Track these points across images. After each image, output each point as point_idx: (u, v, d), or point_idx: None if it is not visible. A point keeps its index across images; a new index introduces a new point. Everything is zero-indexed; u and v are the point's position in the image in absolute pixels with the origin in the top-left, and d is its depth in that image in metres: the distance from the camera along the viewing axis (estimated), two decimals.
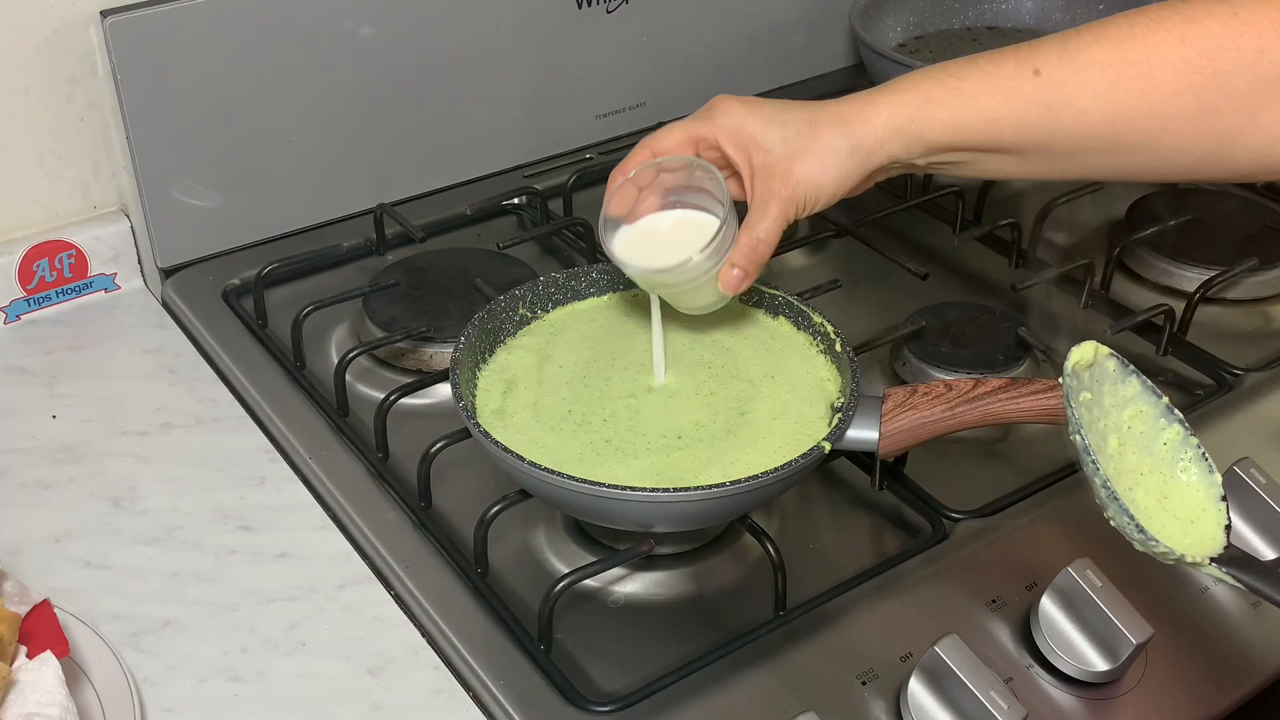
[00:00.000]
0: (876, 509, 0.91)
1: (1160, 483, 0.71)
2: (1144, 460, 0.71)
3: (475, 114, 1.23)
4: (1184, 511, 0.70)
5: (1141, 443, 0.71)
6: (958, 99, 0.76)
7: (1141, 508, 0.69)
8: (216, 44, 1.07)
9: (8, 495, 0.90)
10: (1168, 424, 0.71)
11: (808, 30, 1.43)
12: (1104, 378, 0.72)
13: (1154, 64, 0.72)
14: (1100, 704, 0.78)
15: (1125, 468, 0.70)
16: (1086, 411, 0.70)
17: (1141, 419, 0.72)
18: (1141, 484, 0.70)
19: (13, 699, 0.69)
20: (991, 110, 0.75)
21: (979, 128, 0.76)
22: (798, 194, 0.79)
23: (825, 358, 0.88)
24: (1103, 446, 0.70)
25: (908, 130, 0.77)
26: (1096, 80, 0.73)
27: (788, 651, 0.79)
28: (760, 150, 0.80)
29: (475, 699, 0.77)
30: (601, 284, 0.93)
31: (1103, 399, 0.71)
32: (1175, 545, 0.66)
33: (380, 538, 0.86)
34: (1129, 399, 0.72)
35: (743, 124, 0.81)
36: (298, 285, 1.12)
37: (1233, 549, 0.68)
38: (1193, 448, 0.71)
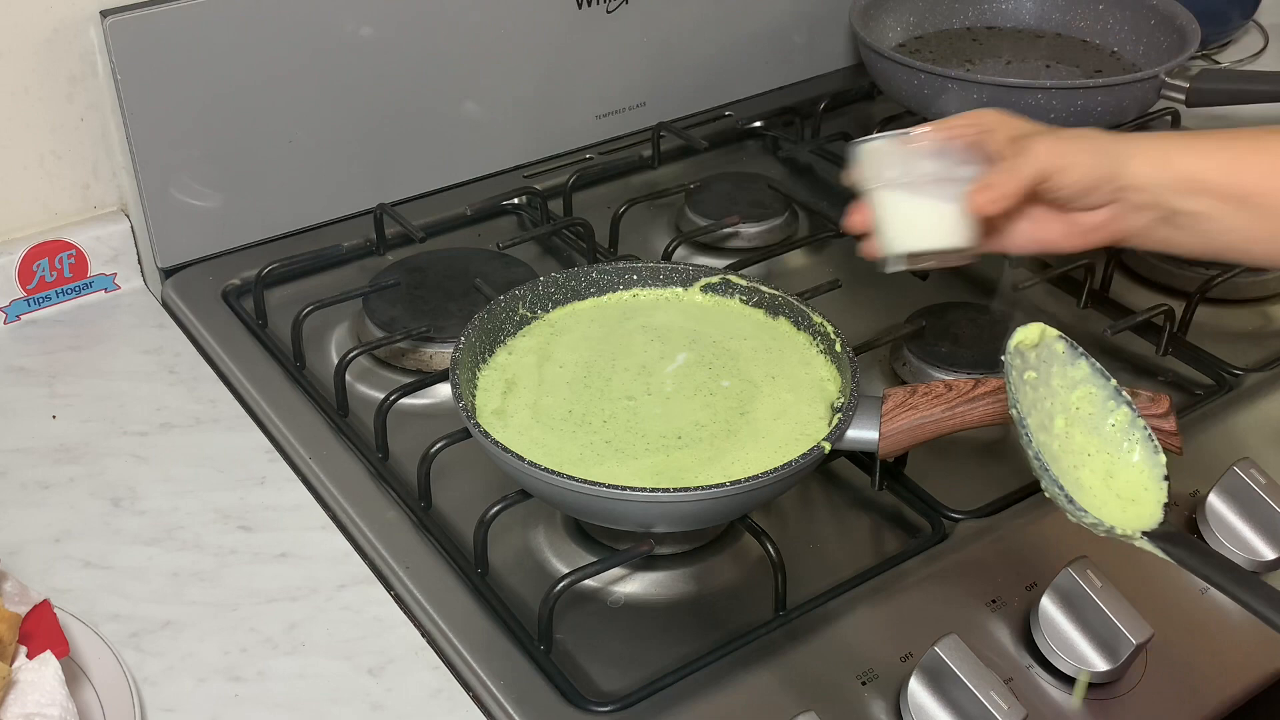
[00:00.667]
0: (876, 509, 0.91)
1: (1106, 463, 0.72)
2: (1091, 440, 0.73)
3: (475, 114, 1.23)
4: (1127, 491, 0.72)
5: (1090, 424, 0.73)
6: (1232, 143, 0.78)
7: (1085, 486, 0.71)
8: (216, 44, 1.07)
9: (8, 495, 0.90)
10: (1116, 406, 0.73)
11: (808, 30, 1.43)
12: (1052, 359, 0.74)
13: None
14: (1100, 704, 0.78)
15: (1072, 447, 0.72)
16: (1031, 390, 0.72)
17: (1090, 400, 0.74)
18: (1088, 464, 0.72)
19: (13, 699, 0.69)
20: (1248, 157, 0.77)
21: (1226, 164, 0.77)
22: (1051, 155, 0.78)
23: (825, 358, 0.88)
24: (1048, 425, 0.72)
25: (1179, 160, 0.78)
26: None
27: (788, 651, 0.79)
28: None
29: (475, 699, 0.77)
30: (601, 284, 0.93)
31: (1050, 380, 0.74)
32: (1111, 520, 0.68)
33: (380, 538, 0.86)
34: (1078, 381, 0.74)
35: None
36: (298, 285, 1.12)
37: (1166, 524, 0.69)
38: (1140, 429, 0.72)
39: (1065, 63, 1.35)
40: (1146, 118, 1.32)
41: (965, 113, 0.83)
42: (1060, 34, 1.40)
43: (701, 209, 1.21)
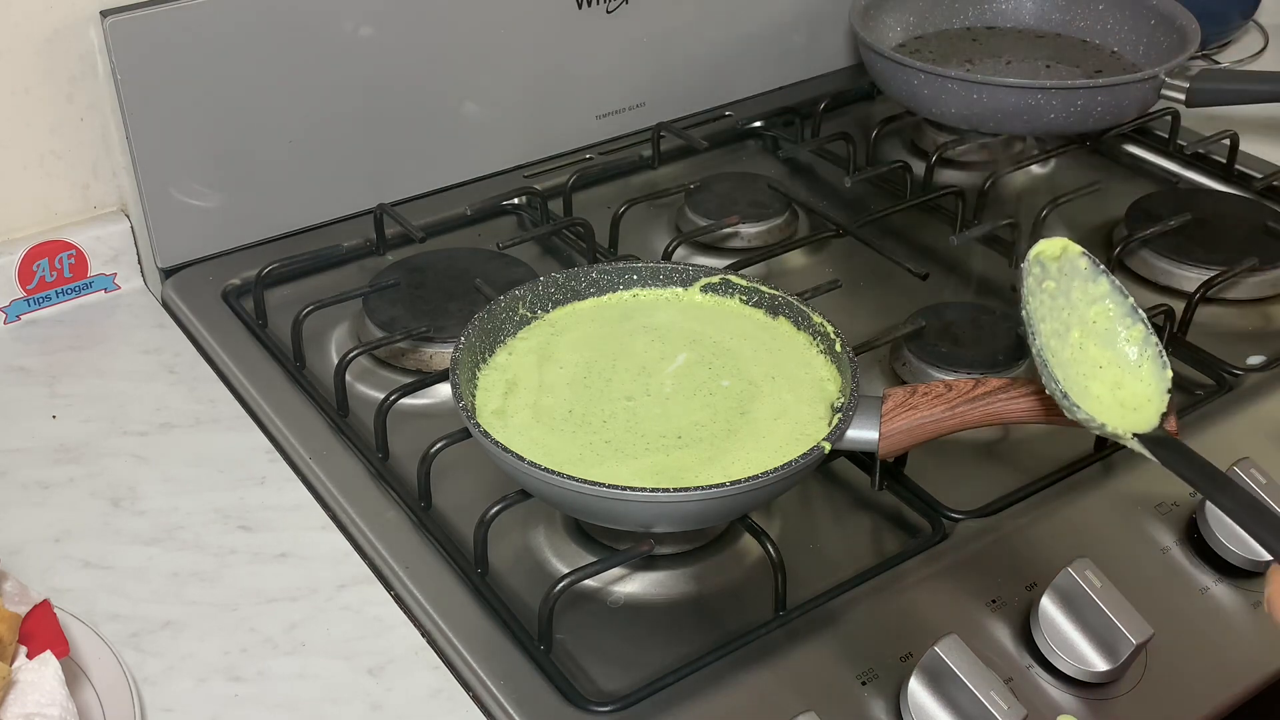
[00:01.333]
0: (876, 509, 0.91)
1: (1116, 375, 0.75)
2: (1104, 354, 0.76)
3: (475, 114, 1.23)
4: (1131, 401, 0.75)
5: (1105, 338, 0.76)
6: None
7: (1093, 395, 0.74)
8: (216, 44, 1.07)
9: (8, 495, 0.90)
10: (1133, 323, 0.76)
11: (808, 30, 1.43)
12: (1074, 274, 0.76)
13: None
14: (1100, 704, 0.78)
15: (1085, 358, 0.75)
16: (1050, 299, 0.75)
17: (1107, 316, 0.76)
18: (1099, 375, 0.75)
19: (13, 699, 0.69)
20: None
21: None
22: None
23: (825, 358, 0.88)
24: (1063, 334, 0.75)
25: None
26: None
27: (788, 651, 0.79)
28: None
29: (475, 699, 0.77)
30: (601, 284, 0.93)
31: (1070, 293, 0.76)
32: (1101, 416, 0.72)
33: (380, 538, 0.87)
34: (1098, 297, 0.76)
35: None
36: (298, 285, 1.12)
37: (1159, 430, 0.72)
38: (1152, 345, 0.75)
39: (1065, 63, 1.35)
40: (1146, 118, 1.32)
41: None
42: (1060, 34, 1.40)
43: (701, 209, 1.21)
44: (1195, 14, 1.30)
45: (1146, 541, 0.88)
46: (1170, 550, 0.88)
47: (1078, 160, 1.34)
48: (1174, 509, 0.90)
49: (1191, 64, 1.23)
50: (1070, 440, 0.94)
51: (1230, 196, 1.27)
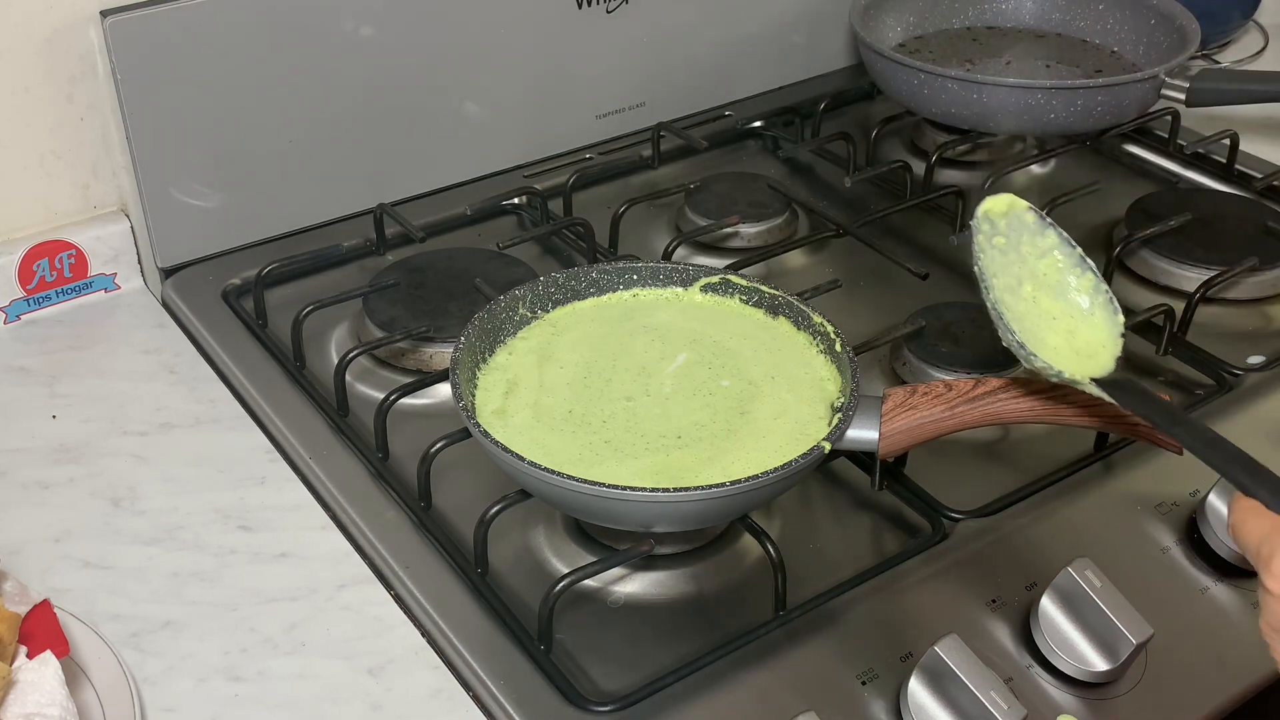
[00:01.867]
0: (876, 509, 0.91)
1: (1070, 324, 0.77)
2: (1057, 304, 0.78)
3: (475, 114, 1.23)
4: (1086, 348, 0.77)
5: (1057, 289, 0.78)
6: None
7: (1050, 346, 0.76)
8: (216, 44, 1.07)
9: (8, 495, 0.90)
10: (1082, 272, 0.78)
11: (808, 30, 1.43)
12: (1022, 229, 0.78)
13: None
14: (1100, 704, 0.78)
15: (1039, 311, 0.77)
16: (1000, 255, 0.77)
17: (1056, 268, 0.78)
18: (1053, 326, 0.77)
19: (13, 699, 0.69)
20: None
21: None
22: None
23: (825, 358, 0.88)
24: (1016, 289, 0.77)
25: None
26: None
27: (788, 651, 0.79)
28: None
29: (475, 699, 0.77)
30: (601, 284, 0.93)
31: (1020, 247, 0.78)
32: (1059, 365, 0.73)
33: (380, 538, 0.86)
34: (1047, 249, 0.78)
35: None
36: (298, 285, 1.12)
37: (1115, 373, 0.74)
38: (1102, 293, 0.78)
39: (1065, 63, 1.35)
40: (1146, 118, 1.32)
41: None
42: (1060, 34, 1.40)
43: (701, 209, 1.21)
44: (1195, 14, 1.30)
45: (1146, 541, 0.88)
46: (1170, 550, 0.88)
47: (1078, 160, 1.34)
48: (1174, 509, 0.90)
49: (1191, 64, 1.23)
50: (1070, 440, 0.94)
51: (1230, 196, 1.27)
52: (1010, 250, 0.78)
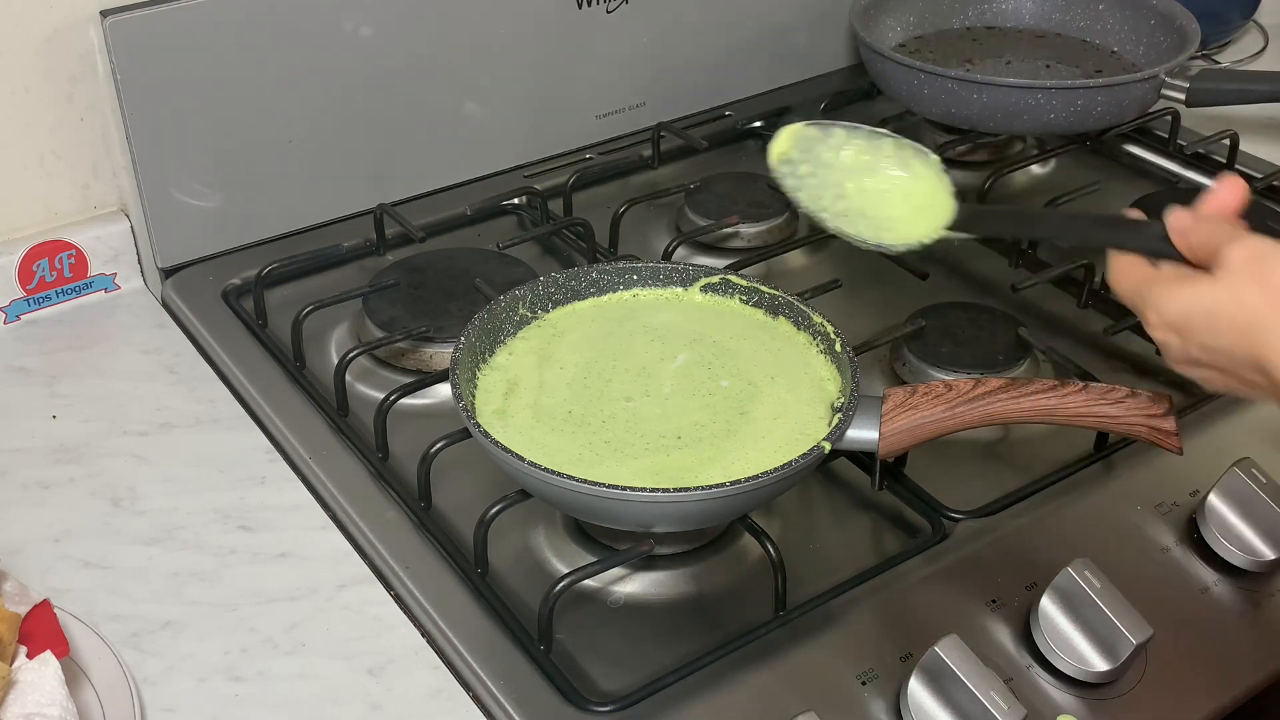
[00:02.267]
0: (876, 509, 0.91)
1: (899, 189, 0.82)
2: (880, 180, 0.82)
3: (475, 114, 1.23)
4: (924, 200, 0.81)
5: (870, 168, 0.82)
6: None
7: (897, 217, 0.81)
8: (216, 44, 1.07)
9: (8, 495, 0.90)
10: (880, 142, 0.82)
11: (808, 30, 1.43)
12: (813, 144, 0.84)
13: None
14: (1100, 704, 0.78)
15: (870, 195, 0.82)
16: (814, 178, 0.83)
17: (859, 152, 0.83)
18: (888, 199, 0.82)
19: (13, 699, 0.69)
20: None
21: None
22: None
23: (825, 358, 0.88)
24: (844, 194, 0.82)
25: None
26: None
27: (788, 651, 0.79)
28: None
29: (475, 699, 0.77)
30: (601, 284, 0.93)
31: (821, 158, 0.83)
32: (914, 234, 0.79)
33: (380, 538, 0.86)
34: (841, 144, 0.83)
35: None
36: (298, 285, 1.12)
37: (962, 209, 0.79)
38: (907, 147, 0.82)
39: (1065, 63, 1.35)
40: (1146, 118, 1.32)
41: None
42: (1060, 34, 1.40)
43: (701, 209, 1.21)
44: (1195, 14, 1.30)
45: (1146, 541, 0.88)
46: (1170, 550, 0.88)
47: (1078, 160, 1.34)
48: (1174, 509, 0.90)
49: (1191, 64, 1.23)
50: (1070, 440, 0.94)
51: None
52: (818, 168, 0.83)
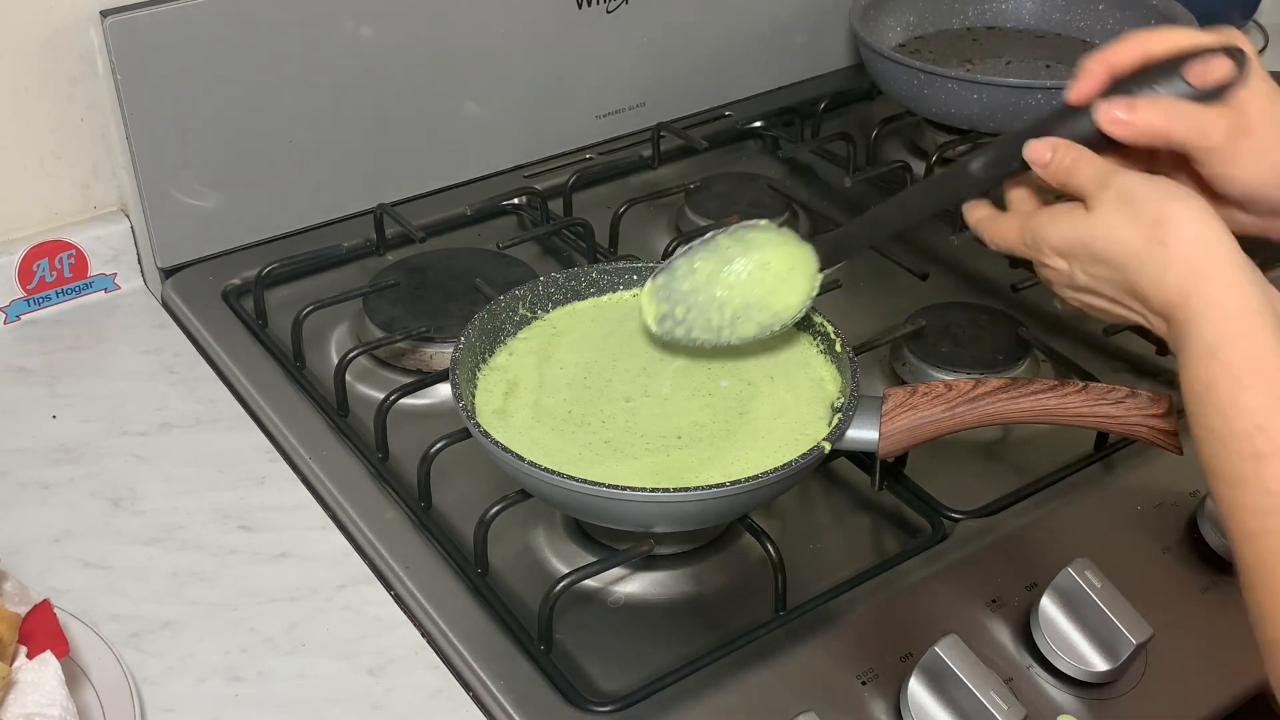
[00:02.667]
0: (876, 509, 0.91)
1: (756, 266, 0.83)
2: (736, 269, 0.84)
3: (475, 114, 1.23)
4: (783, 269, 0.83)
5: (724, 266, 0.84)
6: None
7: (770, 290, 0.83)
8: (216, 44, 1.07)
9: (8, 495, 0.90)
10: (714, 241, 0.84)
11: (808, 30, 1.43)
12: (669, 287, 0.85)
13: None
14: (1100, 704, 0.78)
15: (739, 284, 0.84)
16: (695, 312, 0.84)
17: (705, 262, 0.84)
18: (755, 279, 0.83)
19: (13, 699, 0.69)
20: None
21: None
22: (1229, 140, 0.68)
23: (825, 358, 0.88)
24: (721, 303, 0.84)
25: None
26: None
27: (788, 651, 0.79)
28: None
29: (475, 699, 0.77)
30: (601, 284, 0.93)
31: (682, 291, 0.84)
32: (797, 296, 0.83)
33: (380, 538, 0.86)
34: (689, 269, 0.84)
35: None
36: (298, 285, 1.12)
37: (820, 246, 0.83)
38: (739, 229, 0.84)
39: (1065, 63, 1.35)
40: None
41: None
42: (1060, 34, 1.40)
43: (701, 209, 1.21)
44: (1195, 14, 1.30)
45: (1146, 541, 0.88)
46: (1170, 550, 0.88)
47: None
48: (1174, 509, 0.90)
49: None
50: (1070, 440, 0.94)
51: None
52: (687, 302, 0.84)
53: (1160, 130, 0.69)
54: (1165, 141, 0.69)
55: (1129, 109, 0.69)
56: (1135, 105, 0.69)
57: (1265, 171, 0.69)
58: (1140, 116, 0.69)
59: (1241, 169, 0.69)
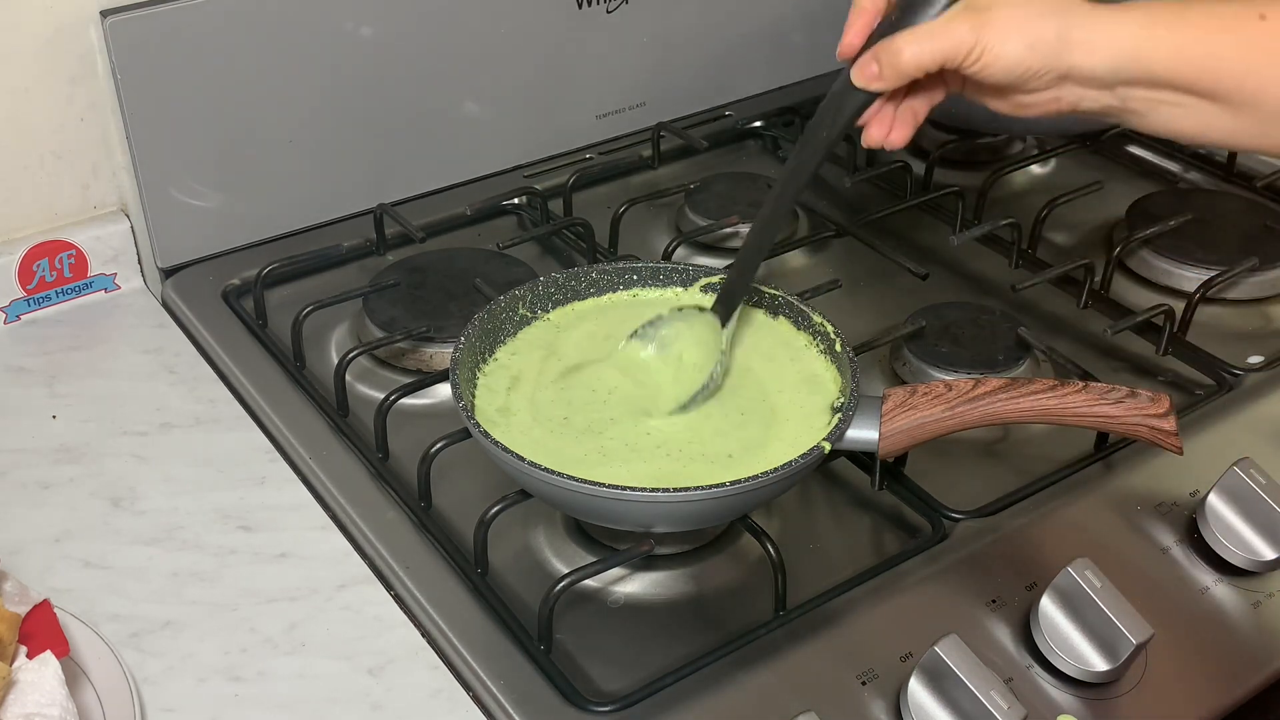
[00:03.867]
0: (876, 509, 0.91)
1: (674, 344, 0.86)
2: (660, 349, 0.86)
3: (475, 114, 1.23)
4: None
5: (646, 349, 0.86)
6: (1182, 28, 0.71)
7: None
8: (216, 44, 1.07)
9: (8, 495, 0.90)
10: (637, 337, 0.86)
11: (808, 30, 1.43)
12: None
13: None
14: (1100, 704, 0.78)
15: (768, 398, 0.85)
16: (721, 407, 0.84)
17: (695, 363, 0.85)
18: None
19: (13, 699, 0.69)
20: (1213, 48, 0.71)
21: (1198, 63, 0.71)
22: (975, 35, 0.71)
23: (825, 358, 0.88)
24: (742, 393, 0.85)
25: (1126, 48, 0.71)
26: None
27: (788, 651, 0.79)
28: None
29: (475, 699, 0.77)
30: (601, 284, 0.93)
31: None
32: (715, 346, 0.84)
33: (380, 538, 0.86)
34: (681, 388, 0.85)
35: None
36: (298, 285, 1.12)
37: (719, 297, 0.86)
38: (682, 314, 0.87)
39: None
40: None
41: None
42: None
43: (701, 209, 1.21)
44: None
45: (1146, 541, 0.88)
46: (1170, 550, 0.88)
47: (1078, 160, 1.34)
48: (1174, 509, 0.90)
49: None
50: (1070, 440, 0.94)
51: (1230, 196, 1.27)
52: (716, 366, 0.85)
53: (914, 63, 0.72)
54: (927, 69, 0.72)
55: (873, 63, 0.74)
56: (878, 57, 0.73)
57: (1020, 49, 0.71)
58: (888, 66, 0.73)
59: (997, 55, 0.71)
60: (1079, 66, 0.72)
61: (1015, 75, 0.72)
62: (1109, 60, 0.71)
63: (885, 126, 0.77)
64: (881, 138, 0.77)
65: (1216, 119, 0.72)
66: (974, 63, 0.72)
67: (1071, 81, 0.73)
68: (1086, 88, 0.73)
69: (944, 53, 0.71)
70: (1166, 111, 0.73)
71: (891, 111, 0.77)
